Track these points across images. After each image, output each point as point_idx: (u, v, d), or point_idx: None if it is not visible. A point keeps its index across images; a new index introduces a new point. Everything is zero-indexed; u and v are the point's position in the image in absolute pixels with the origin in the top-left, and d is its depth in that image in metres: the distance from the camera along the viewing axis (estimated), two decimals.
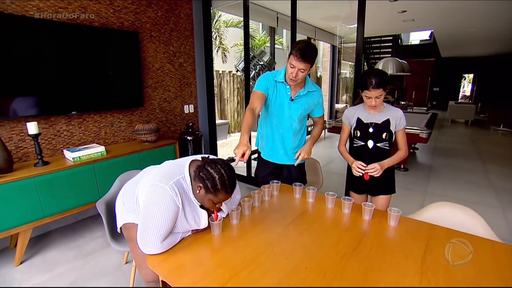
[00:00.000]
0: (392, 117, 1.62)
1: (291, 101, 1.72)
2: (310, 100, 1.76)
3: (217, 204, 1.17)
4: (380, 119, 1.63)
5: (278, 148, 1.84)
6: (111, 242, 1.61)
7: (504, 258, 1.05)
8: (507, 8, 4.34)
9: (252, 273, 0.97)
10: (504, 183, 3.74)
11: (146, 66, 3.07)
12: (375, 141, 1.64)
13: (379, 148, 1.64)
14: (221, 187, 1.09)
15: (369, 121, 1.65)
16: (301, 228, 1.28)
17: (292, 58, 1.53)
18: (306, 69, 1.56)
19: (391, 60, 4.59)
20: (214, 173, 1.09)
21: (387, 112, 1.63)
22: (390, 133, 1.63)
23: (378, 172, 1.54)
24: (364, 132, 1.67)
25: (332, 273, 0.97)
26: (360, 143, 1.69)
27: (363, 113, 1.68)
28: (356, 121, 1.70)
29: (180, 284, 0.94)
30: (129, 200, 1.33)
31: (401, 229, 1.28)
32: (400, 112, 1.64)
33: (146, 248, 1.07)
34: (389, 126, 1.62)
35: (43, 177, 2.07)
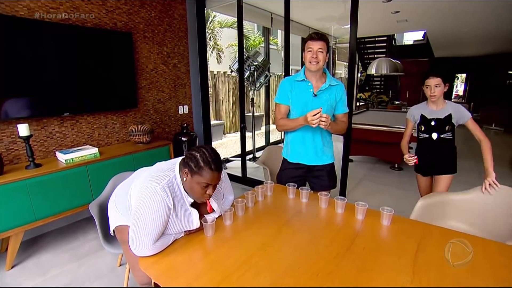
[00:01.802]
0: (453, 111, 1.85)
1: (315, 96, 1.69)
2: (334, 95, 1.72)
3: (207, 190, 1.14)
4: (442, 115, 1.87)
5: (309, 148, 1.79)
6: (104, 245, 1.60)
7: (497, 256, 1.06)
8: (498, 8, 4.40)
9: (245, 275, 0.97)
10: None
11: (139, 67, 3.05)
12: (439, 133, 1.89)
13: (443, 138, 1.89)
14: (204, 164, 1.09)
15: (432, 117, 1.90)
16: (294, 228, 1.28)
17: (308, 42, 1.57)
18: (324, 48, 1.57)
19: (384, 61, 4.63)
20: (195, 153, 1.11)
21: (448, 109, 1.87)
22: (453, 125, 1.87)
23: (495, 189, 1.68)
24: (428, 127, 1.92)
25: (325, 273, 0.98)
26: (425, 135, 1.95)
27: (426, 110, 1.93)
28: (420, 117, 1.95)
29: (172, 285, 0.94)
30: (122, 202, 1.32)
31: (394, 228, 1.28)
32: (461, 107, 1.86)
33: (138, 250, 1.06)
34: (451, 119, 1.85)
35: (34, 179, 2.04)
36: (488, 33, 6.31)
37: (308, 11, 4.66)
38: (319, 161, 1.82)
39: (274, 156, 2.70)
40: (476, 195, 1.69)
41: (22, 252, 2.23)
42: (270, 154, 2.69)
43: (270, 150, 2.72)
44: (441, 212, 1.69)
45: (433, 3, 4.21)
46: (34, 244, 2.36)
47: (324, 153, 1.82)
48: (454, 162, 1.99)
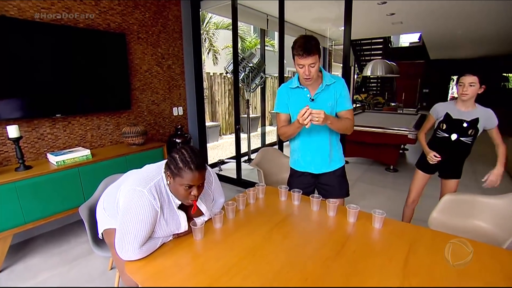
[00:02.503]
0: (481, 116, 1.77)
1: (312, 101, 1.60)
2: (333, 93, 1.60)
3: (192, 191, 1.10)
4: (469, 117, 1.78)
5: (315, 155, 1.69)
6: (94, 248, 1.57)
7: (488, 260, 1.05)
8: (492, 11, 4.44)
9: (233, 278, 0.96)
10: None
11: (133, 68, 3.03)
12: (459, 135, 1.82)
13: (461, 141, 1.83)
14: (183, 165, 1.06)
15: (457, 117, 1.81)
16: (285, 231, 1.26)
17: (297, 58, 1.46)
18: (316, 61, 1.45)
19: (380, 62, 4.64)
20: (175, 155, 1.09)
21: (477, 112, 1.78)
22: (476, 130, 1.79)
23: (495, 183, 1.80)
24: (450, 126, 1.85)
25: (314, 278, 0.96)
26: (444, 135, 1.88)
27: (453, 110, 1.84)
28: (444, 116, 1.87)
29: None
30: (110, 205, 1.30)
31: (385, 231, 1.27)
32: (490, 112, 1.79)
33: (125, 254, 1.04)
34: (477, 124, 1.77)
35: (24, 181, 2.01)
36: (482, 35, 6.36)
37: (303, 12, 4.67)
38: (327, 168, 1.72)
39: (268, 158, 2.69)
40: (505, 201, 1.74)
41: (11, 255, 2.19)
42: (265, 156, 2.68)
43: (265, 152, 2.71)
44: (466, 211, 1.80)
45: (427, 5, 4.23)
46: (23, 247, 2.32)
47: (332, 158, 1.71)
48: (462, 165, 1.98)
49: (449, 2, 4.02)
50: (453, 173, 2.00)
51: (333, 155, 1.71)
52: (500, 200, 1.79)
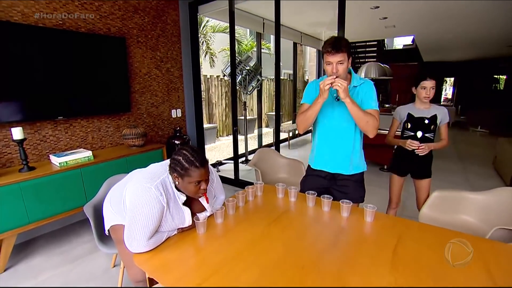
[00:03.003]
0: (438, 113, 1.98)
1: (338, 100, 1.58)
2: (359, 95, 1.58)
3: (201, 186, 1.19)
4: (429, 114, 1.98)
5: (335, 153, 1.65)
6: (99, 245, 1.63)
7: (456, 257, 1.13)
8: (481, 16, 4.59)
9: (234, 269, 1.03)
10: (480, 182, 3.93)
11: (133, 71, 3.09)
12: (423, 132, 1.99)
13: (426, 137, 2.00)
14: (189, 165, 1.14)
15: (419, 116, 2.01)
16: (282, 225, 1.34)
17: (326, 56, 1.46)
18: (344, 60, 1.44)
19: (373, 65, 4.76)
20: (178, 157, 1.17)
21: (434, 110, 2.00)
22: (436, 126, 1.99)
23: (425, 150, 1.93)
24: (414, 124, 2.03)
25: (309, 266, 1.04)
26: (410, 133, 2.04)
27: (414, 110, 2.04)
28: (406, 116, 2.05)
29: (165, 280, 0.99)
30: (116, 203, 1.37)
31: (376, 225, 1.36)
32: (445, 109, 2.01)
33: (133, 246, 1.11)
34: (436, 120, 1.98)
35: (28, 182, 2.06)
36: (472, 39, 6.54)
37: (298, 16, 4.78)
38: (344, 170, 1.66)
39: (265, 158, 2.77)
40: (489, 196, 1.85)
41: (14, 255, 2.23)
42: (262, 156, 2.76)
43: (262, 152, 2.79)
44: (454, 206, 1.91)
45: (418, 10, 4.37)
46: (26, 247, 2.37)
47: (352, 162, 1.65)
48: (430, 165, 2.10)
49: (439, 7, 4.15)
50: (424, 171, 2.10)
51: (354, 158, 1.65)
52: (484, 195, 1.88)
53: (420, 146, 1.93)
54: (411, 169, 2.13)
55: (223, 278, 0.98)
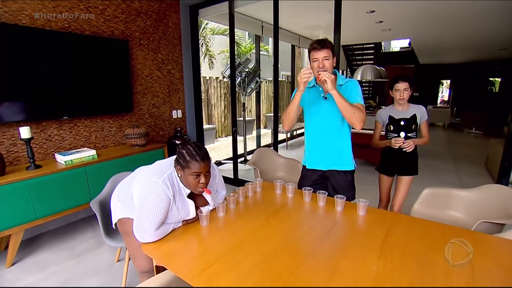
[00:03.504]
0: (417, 112, 2.06)
1: (325, 99, 1.67)
2: (344, 92, 1.64)
3: (200, 179, 1.27)
4: (408, 115, 2.06)
5: (324, 152, 1.75)
6: (105, 238, 1.71)
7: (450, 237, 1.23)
8: (475, 19, 4.72)
9: (235, 256, 1.12)
10: (471, 181, 4.05)
11: (135, 73, 3.18)
12: (406, 132, 2.07)
13: (409, 137, 2.06)
14: (190, 158, 1.24)
15: (399, 117, 2.08)
16: (280, 218, 1.43)
17: (312, 53, 1.57)
18: (329, 56, 1.55)
19: (369, 68, 4.87)
20: (182, 150, 1.27)
21: (413, 109, 2.08)
22: (417, 125, 2.07)
23: (410, 146, 1.98)
24: (396, 126, 2.09)
25: (305, 254, 1.13)
26: (393, 135, 2.10)
27: (394, 111, 2.12)
28: (388, 118, 2.13)
29: (172, 265, 1.07)
30: (124, 197, 1.45)
31: (368, 218, 1.45)
32: (423, 108, 2.09)
33: (142, 236, 1.19)
34: (416, 119, 2.06)
35: (35, 179, 2.14)
36: (466, 42, 6.68)
37: (296, 19, 4.89)
38: (335, 166, 1.76)
39: (264, 158, 2.86)
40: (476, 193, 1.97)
41: (21, 250, 2.31)
42: (261, 155, 2.85)
43: (261, 152, 2.89)
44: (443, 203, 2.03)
45: (413, 14, 4.49)
46: (32, 243, 2.44)
47: (341, 158, 1.75)
48: (416, 163, 2.17)
49: (434, 11, 4.27)
50: (411, 169, 2.17)
51: (343, 155, 1.75)
52: (471, 192, 1.99)
53: (405, 142, 2.00)
54: (398, 168, 2.19)
55: (226, 264, 1.07)
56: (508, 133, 2.49)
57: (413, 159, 2.14)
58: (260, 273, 1.02)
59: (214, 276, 1.01)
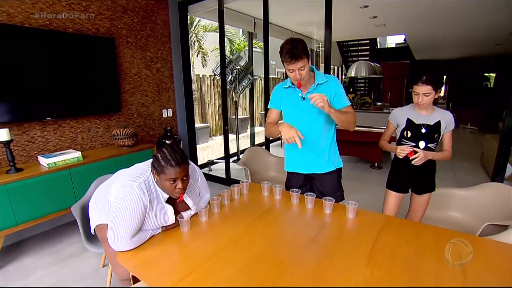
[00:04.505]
0: (443, 119, 1.65)
1: (303, 100, 1.58)
2: (326, 92, 1.54)
3: (177, 185, 1.19)
4: (432, 121, 1.65)
5: (306, 154, 1.66)
6: (87, 245, 1.64)
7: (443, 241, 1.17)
8: (469, 15, 4.66)
9: (216, 264, 1.05)
10: (466, 176, 4.02)
11: (123, 71, 3.09)
12: (426, 142, 1.66)
13: (429, 149, 1.66)
14: (164, 163, 1.16)
15: (421, 122, 1.66)
16: (265, 222, 1.37)
17: (285, 64, 1.46)
18: (305, 64, 1.45)
19: (363, 63, 4.81)
20: (157, 154, 1.20)
21: (438, 114, 1.66)
22: (439, 134, 1.67)
23: (421, 159, 1.58)
24: (415, 133, 1.67)
25: (288, 262, 1.07)
26: (410, 143, 1.69)
27: (414, 114, 1.69)
28: (406, 122, 1.71)
29: (147, 276, 1.01)
30: (102, 202, 1.38)
31: (358, 221, 1.39)
32: (450, 115, 1.66)
33: (116, 245, 1.13)
34: (440, 127, 1.65)
35: (15, 184, 2.06)
36: (461, 38, 6.63)
37: (288, 16, 4.81)
38: (317, 169, 1.68)
39: (255, 157, 2.80)
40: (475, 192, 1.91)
41: (4, 257, 2.23)
42: (252, 155, 2.79)
43: (252, 151, 2.82)
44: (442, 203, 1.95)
45: (408, 10, 4.43)
46: (16, 249, 2.36)
47: (325, 160, 1.66)
48: (434, 178, 1.79)
49: (429, 7, 4.21)
50: (428, 186, 1.79)
51: (325, 157, 1.65)
52: (471, 191, 1.94)
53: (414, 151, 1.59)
54: (411, 185, 1.82)
55: (205, 272, 1.01)
56: (503, 129, 2.44)
57: (431, 173, 1.77)
58: (240, 283, 0.96)
59: (192, 286, 0.94)
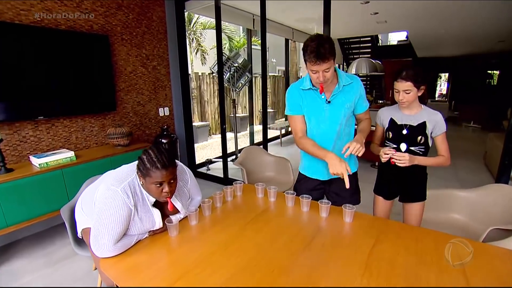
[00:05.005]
0: (429, 120, 1.48)
1: (328, 103, 1.47)
2: (350, 94, 1.48)
3: (163, 188, 1.13)
4: (415, 121, 1.49)
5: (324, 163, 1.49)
6: (75, 248, 1.59)
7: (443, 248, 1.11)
8: (472, 11, 4.56)
9: (202, 272, 1.00)
10: (470, 176, 3.94)
11: (118, 69, 3.03)
12: (408, 145, 1.51)
13: (413, 152, 1.50)
14: (150, 165, 1.10)
15: (403, 123, 1.52)
16: (258, 226, 1.31)
17: (309, 64, 1.32)
18: (331, 66, 1.32)
19: (364, 61, 4.73)
20: (142, 156, 1.14)
21: (424, 114, 1.49)
22: (426, 137, 1.49)
23: (404, 163, 1.42)
24: (396, 134, 1.54)
25: (280, 270, 1.01)
26: (392, 145, 1.55)
27: (398, 114, 1.55)
28: (389, 122, 1.57)
29: (128, 285, 0.95)
30: (88, 205, 1.33)
31: (355, 225, 1.33)
32: (438, 116, 1.48)
33: (99, 251, 1.07)
34: (425, 129, 1.48)
35: (5, 184, 2.01)
36: (464, 34, 6.52)
37: (287, 12, 4.73)
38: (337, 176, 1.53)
39: (252, 157, 2.74)
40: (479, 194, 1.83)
41: None
42: (249, 155, 2.72)
43: (249, 150, 2.76)
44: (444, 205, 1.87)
45: (410, 5, 4.33)
46: (7, 251, 2.32)
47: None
48: (424, 186, 1.61)
49: (431, 2, 4.12)
50: (415, 194, 1.61)
51: (349, 160, 1.55)
52: (474, 193, 1.87)
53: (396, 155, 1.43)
54: (398, 191, 1.66)
55: (191, 280, 0.95)
56: (508, 128, 2.36)
57: (420, 181, 1.60)
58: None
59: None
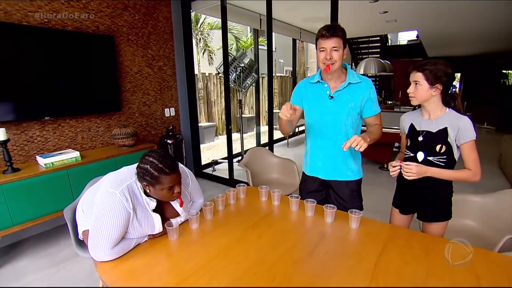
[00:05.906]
0: (451, 126, 1.26)
1: (331, 98, 1.43)
2: (356, 94, 1.42)
3: (174, 190, 1.13)
4: (435, 128, 1.30)
5: (327, 159, 1.53)
6: (77, 249, 1.58)
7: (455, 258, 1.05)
8: (486, 9, 4.42)
9: (200, 279, 0.96)
10: (484, 181, 3.77)
11: (123, 70, 3.04)
12: (425, 154, 1.33)
13: (431, 163, 1.30)
14: (158, 173, 1.07)
15: (421, 129, 1.35)
16: (260, 231, 1.26)
17: (320, 41, 1.33)
18: (339, 46, 1.31)
19: (373, 61, 4.64)
20: (145, 166, 1.09)
21: (445, 119, 1.28)
22: (449, 146, 1.27)
23: (411, 175, 1.26)
24: (413, 142, 1.37)
25: (281, 279, 0.96)
26: (410, 154, 1.39)
27: (417, 119, 1.38)
28: (409, 128, 1.41)
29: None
30: (88, 207, 1.31)
31: (362, 231, 1.27)
32: (463, 121, 1.24)
33: (97, 255, 1.05)
34: (447, 137, 1.27)
35: (12, 184, 2.02)
36: (477, 33, 6.33)
37: (294, 12, 4.67)
38: (339, 176, 1.54)
39: (257, 158, 2.70)
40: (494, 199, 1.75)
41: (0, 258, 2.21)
42: (254, 156, 2.68)
43: (254, 152, 2.72)
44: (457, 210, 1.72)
45: (420, 4, 4.22)
46: (11, 250, 2.33)
47: (347, 166, 1.53)
48: (445, 202, 1.38)
49: (441, 1, 4.00)
50: (433, 212, 1.39)
51: (349, 163, 1.53)
52: (489, 198, 1.79)
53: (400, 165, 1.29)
54: (415, 208, 1.46)
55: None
56: None
57: (438, 196, 1.37)
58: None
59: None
